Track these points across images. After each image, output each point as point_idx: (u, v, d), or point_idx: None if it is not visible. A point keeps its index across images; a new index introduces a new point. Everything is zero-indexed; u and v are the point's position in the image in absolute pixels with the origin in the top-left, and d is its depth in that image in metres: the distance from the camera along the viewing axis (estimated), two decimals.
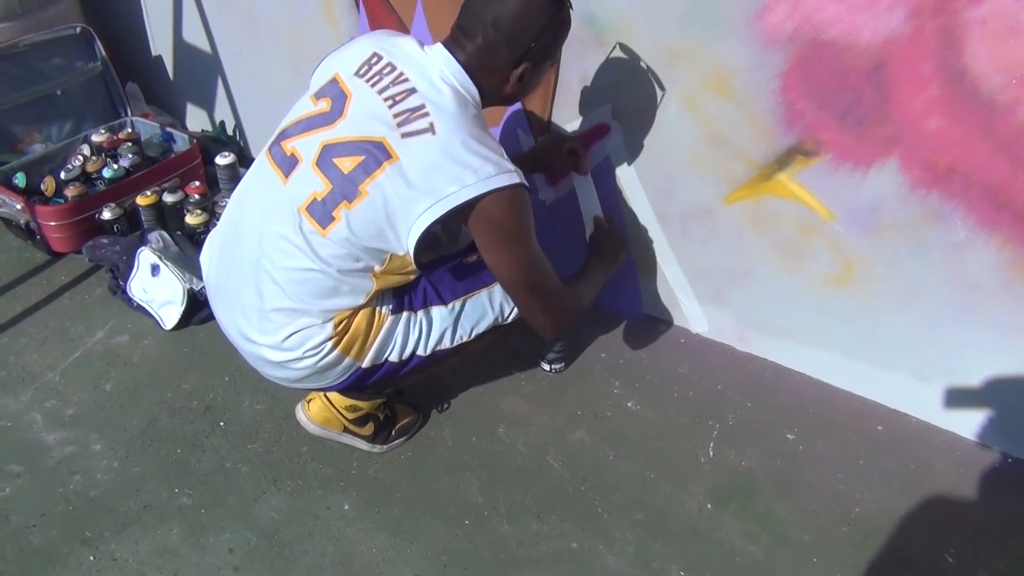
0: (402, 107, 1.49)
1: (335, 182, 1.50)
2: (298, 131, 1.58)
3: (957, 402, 1.93)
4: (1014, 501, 1.82)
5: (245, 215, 1.65)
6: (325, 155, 1.52)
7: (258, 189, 1.64)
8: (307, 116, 1.58)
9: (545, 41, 1.55)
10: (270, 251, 1.58)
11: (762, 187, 1.93)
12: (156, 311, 2.33)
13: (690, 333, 2.29)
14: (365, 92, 1.53)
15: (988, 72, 1.55)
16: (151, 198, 2.57)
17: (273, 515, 1.79)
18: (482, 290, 1.74)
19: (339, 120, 1.53)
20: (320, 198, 1.51)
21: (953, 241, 1.74)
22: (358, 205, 1.48)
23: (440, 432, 2.00)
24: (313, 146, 1.53)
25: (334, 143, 1.52)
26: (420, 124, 1.47)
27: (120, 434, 1.98)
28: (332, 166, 1.50)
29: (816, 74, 1.73)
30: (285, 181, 1.56)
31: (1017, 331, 1.76)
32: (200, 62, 3.03)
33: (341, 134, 1.52)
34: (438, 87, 1.51)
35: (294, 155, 1.56)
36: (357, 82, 1.55)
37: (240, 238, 1.65)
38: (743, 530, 1.75)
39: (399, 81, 1.52)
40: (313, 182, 1.52)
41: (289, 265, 1.56)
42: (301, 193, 1.53)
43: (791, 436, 1.97)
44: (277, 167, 1.59)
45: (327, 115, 1.55)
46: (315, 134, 1.54)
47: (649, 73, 1.93)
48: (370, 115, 1.50)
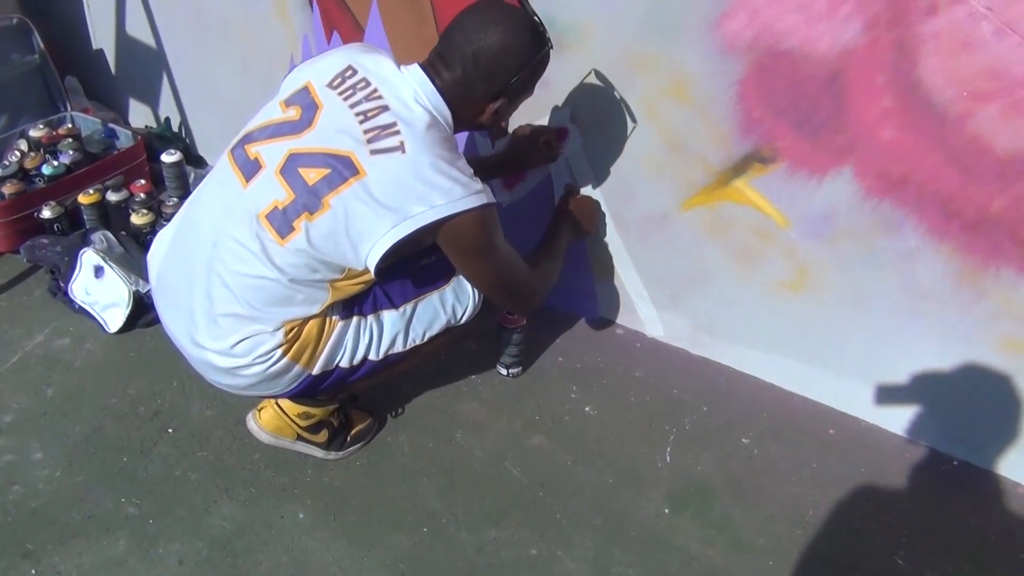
0: (373, 124, 1.47)
1: (298, 192, 1.47)
2: (264, 136, 1.54)
3: (906, 406, 1.97)
4: (960, 504, 1.87)
5: (200, 216, 1.61)
6: (290, 164, 1.48)
7: (216, 191, 1.60)
8: (275, 122, 1.55)
9: (524, 78, 1.57)
10: (224, 254, 1.53)
11: (719, 193, 1.94)
12: (99, 314, 2.25)
13: (646, 337, 2.30)
14: (336, 105, 1.50)
15: (940, 84, 1.58)
16: (94, 196, 2.48)
17: (225, 524, 1.74)
18: (433, 292, 1.72)
19: (307, 130, 1.50)
20: (281, 207, 1.48)
21: (904, 249, 1.77)
22: (320, 218, 1.45)
23: (397, 438, 1.97)
24: (278, 153, 1.50)
25: (301, 153, 1.48)
26: (390, 142, 1.45)
27: (62, 442, 1.91)
28: (297, 175, 1.47)
29: (774, 82, 1.75)
30: (245, 185, 1.52)
31: (964, 338, 1.81)
32: (144, 57, 2.94)
33: (309, 144, 1.49)
34: (411, 107, 1.50)
35: (257, 160, 1.52)
36: (329, 94, 1.52)
37: (193, 239, 1.60)
38: (700, 534, 1.77)
39: (372, 97, 1.50)
40: (275, 190, 1.49)
41: (242, 270, 1.52)
42: (262, 200, 1.50)
43: (746, 440, 2.00)
44: (239, 170, 1.54)
45: (296, 123, 1.52)
46: (282, 141, 1.51)
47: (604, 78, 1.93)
48: (340, 129, 1.48)
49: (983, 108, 1.56)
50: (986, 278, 1.72)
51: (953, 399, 1.91)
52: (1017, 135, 1.55)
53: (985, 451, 1.93)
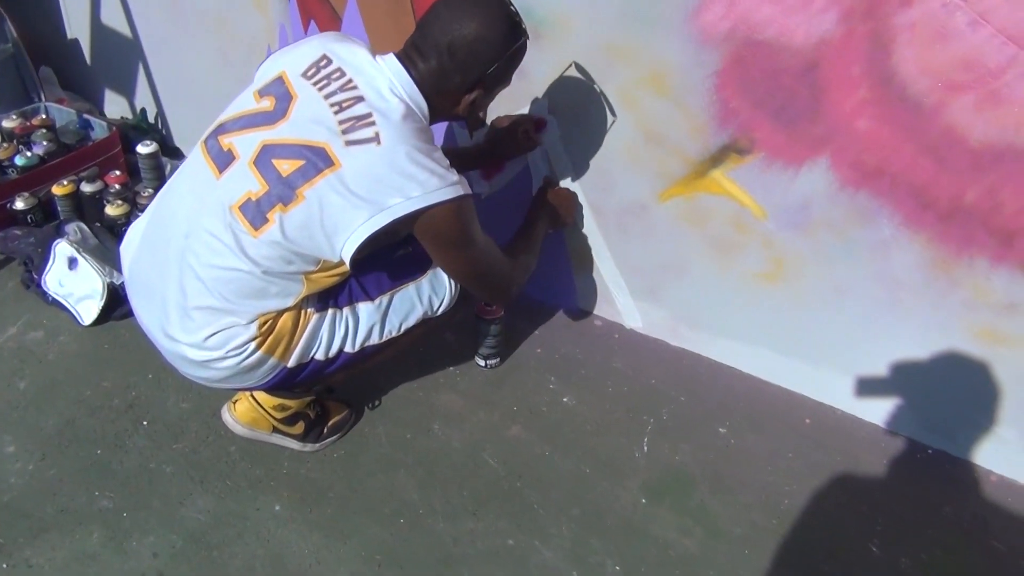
0: (348, 114, 1.45)
1: (272, 184, 1.45)
2: (237, 127, 1.53)
3: (881, 395, 1.99)
4: (934, 491, 1.88)
5: (173, 207, 1.59)
6: (264, 155, 1.47)
7: (189, 182, 1.59)
8: (248, 113, 1.53)
9: (500, 68, 1.56)
10: (196, 246, 1.52)
11: (696, 184, 1.95)
12: (73, 306, 2.23)
13: (624, 328, 2.31)
14: (311, 95, 1.49)
15: (915, 75, 1.59)
16: (68, 187, 2.46)
17: (200, 517, 1.73)
18: (409, 284, 1.71)
19: (281, 121, 1.48)
20: (255, 198, 1.46)
21: (879, 239, 1.78)
22: (293, 209, 1.44)
23: (374, 429, 1.96)
24: (252, 144, 1.49)
25: (274, 144, 1.47)
26: (365, 133, 1.44)
27: (35, 435, 1.89)
28: (270, 167, 1.46)
29: (750, 73, 1.75)
30: (218, 176, 1.51)
31: (938, 327, 1.82)
32: (119, 47, 2.91)
33: (282, 135, 1.47)
34: (386, 98, 1.48)
35: (231, 151, 1.51)
36: (304, 84, 1.51)
37: (166, 230, 1.59)
38: (677, 524, 1.77)
39: (347, 88, 1.48)
40: (249, 181, 1.47)
41: (215, 263, 1.51)
42: (235, 191, 1.48)
43: (723, 430, 2.00)
44: (212, 161, 1.53)
45: (270, 114, 1.50)
46: (255, 132, 1.50)
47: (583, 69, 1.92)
48: (314, 119, 1.46)
49: (957, 99, 1.57)
50: (960, 267, 1.73)
51: (928, 388, 1.93)
52: (990, 126, 1.56)
53: (959, 439, 1.95)
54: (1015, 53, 1.47)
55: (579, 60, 1.92)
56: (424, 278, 1.72)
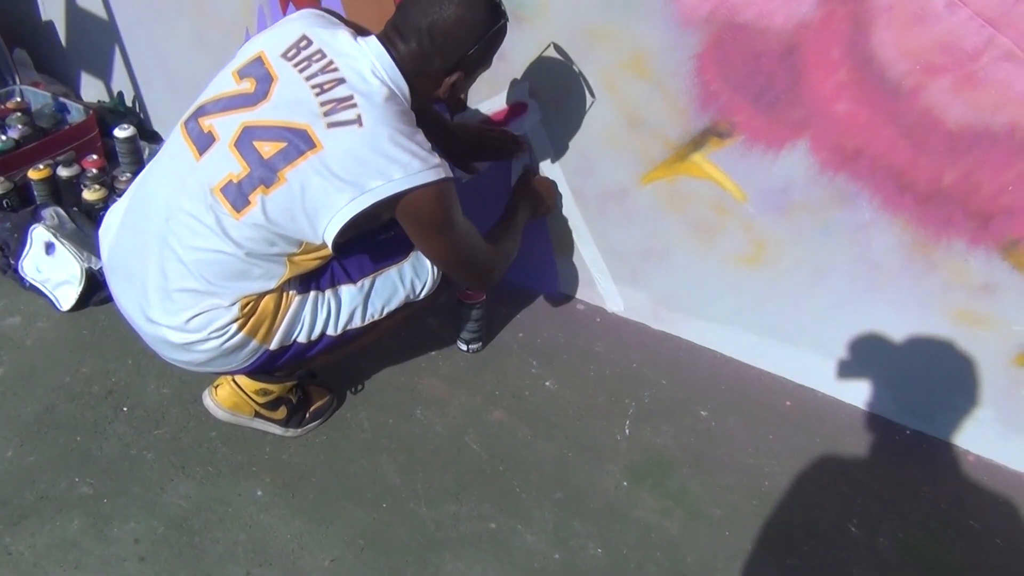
0: (329, 96, 1.44)
1: (253, 165, 1.44)
2: (217, 109, 1.51)
3: (860, 377, 2.01)
4: (912, 471, 1.91)
5: (152, 190, 1.58)
6: (245, 137, 1.46)
7: (170, 164, 1.57)
8: (228, 95, 1.52)
9: (480, 51, 1.56)
10: (177, 229, 1.51)
11: (677, 167, 1.95)
12: (51, 291, 2.20)
13: (606, 312, 2.31)
14: (291, 77, 1.48)
15: (894, 58, 1.59)
16: (44, 172, 2.42)
17: (181, 503, 1.73)
18: (392, 267, 1.71)
19: (262, 103, 1.47)
20: (236, 180, 1.45)
21: (859, 222, 1.79)
22: (275, 191, 1.44)
23: (356, 414, 1.96)
24: (232, 126, 1.47)
25: (255, 126, 1.46)
26: (347, 115, 1.43)
27: (13, 422, 1.87)
28: (251, 149, 1.45)
29: (730, 56, 1.75)
30: (199, 158, 1.50)
31: (915, 308, 1.84)
32: (95, 29, 2.87)
33: (263, 117, 1.46)
34: (368, 80, 1.47)
35: (211, 133, 1.50)
36: (284, 65, 1.50)
37: (145, 213, 1.57)
38: (658, 506, 1.78)
39: (328, 70, 1.47)
40: (230, 163, 1.46)
41: (196, 244, 1.50)
42: (216, 173, 1.47)
43: (704, 413, 2.02)
44: (192, 143, 1.52)
45: (250, 96, 1.49)
46: (235, 114, 1.48)
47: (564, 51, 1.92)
48: (295, 101, 1.45)
49: (935, 81, 1.58)
50: (938, 250, 1.74)
51: (906, 370, 1.94)
52: (967, 108, 1.57)
53: (937, 420, 1.97)
54: (992, 35, 1.48)
55: (560, 43, 1.92)
56: (407, 261, 1.72)
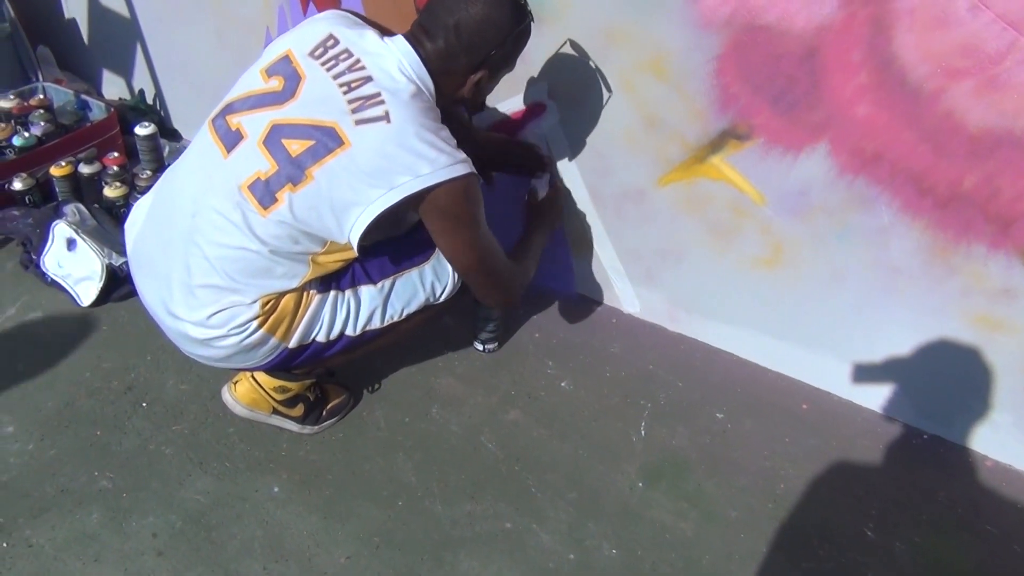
0: (357, 94, 1.46)
1: (281, 163, 1.46)
2: (246, 107, 1.53)
3: (877, 381, 2.00)
4: (929, 476, 1.90)
5: (180, 185, 1.61)
6: (273, 135, 1.48)
7: (197, 161, 1.60)
8: (257, 92, 1.53)
9: (505, 50, 1.58)
10: (203, 225, 1.53)
11: (695, 169, 1.95)
12: (72, 287, 2.23)
13: (622, 313, 2.31)
14: (319, 75, 1.50)
15: (915, 61, 1.58)
16: (66, 169, 2.45)
17: (199, 498, 1.74)
18: (412, 270, 1.72)
19: (290, 101, 1.49)
20: (264, 178, 1.47)
21: (878, 225, 1.79)
22: (303, 189, 1.45)
23: (373, 413, 1.97)
24: (261, 124, 1.49)
25: (284, 124, 1.48)
26: (375, 112, 1.44)
27: (34, 416, 1.90)
28: (280, 146, 1.47)
29: (750, 58, 1.74)
30: (226, 156, 1.52)
31: (934, 312, 1.83)
32: (117, 26, 2.89)
33: (292, 115, 1.48)
34: (395, 77, 1.49)
35: (239, 131, 1.52)
36: (311, 64, 1.51)
37: (172, 209, 1.60)
38: (673, 507, 1.78)
39: (355, 68, 1.49)
40: (258, 160, 1.48)
41: (222, 241, 1.52)
42: (243, 170, 1.49)
43: (720, 415, 2.01)
44: (220, 141, 1.54)
45: (278, 94, 1.51)
46: (264, 112, 1.50)
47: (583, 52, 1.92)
48: (323, 99, 1.47)
49: (957, 85, 1.57)
50: (957, 254, 1.73)
51: (924, 374, 1.93)
52: (989, 112, 1.56)
53: (955, 425, 1.96)
54: (1015, 39, 1.47)
55: (579, 44, 1.92)
56: (427, 264, 1.73)
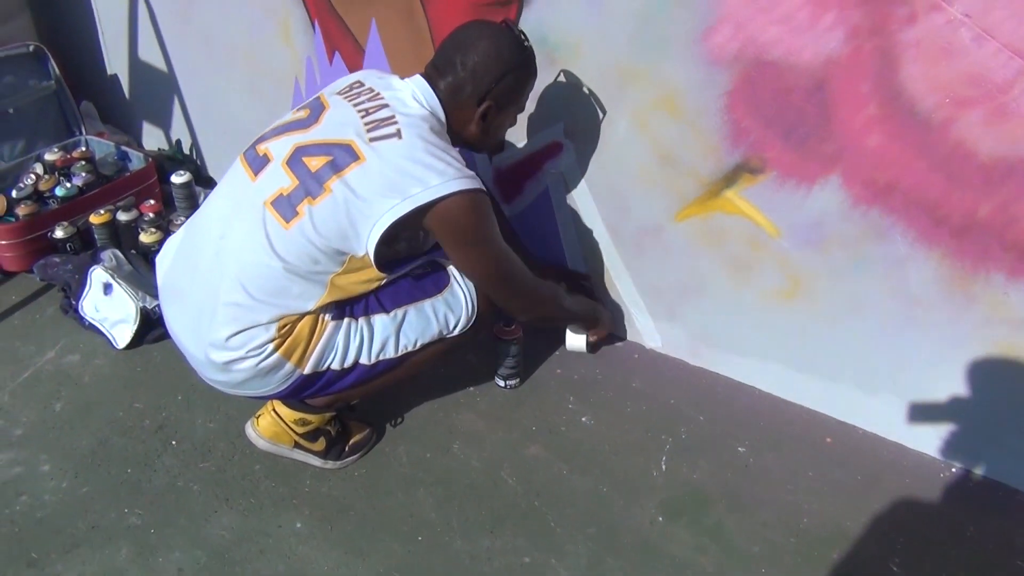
0: (373, 117, 1.59)
1: (301, 179, 1.56)
2: (273, 134, 1.67)
3: (902, 414, 1.97)
4: (957, 511, 1.86)
5: (209, 212, 1.71)
6: (296, 155, 1.59)
7: (227, 188, 1.71)
8: (284, 123, 1.68)
9: (508, 82, 1.69)
10: (230, 245, 1.62)
11: (711, 204, 1.96)
12: (108, 330, 2.30)
13: (644, 348, 2.32)
14: (342, 105, 1.64)
15: (923, 91, 1.59)
16: (104, 216, 2.55)
17: (224, 534, 1.77)
18: (425, 300, 1.77)
19: (313, 126, 1.63)
20: (286, 193, 1.57)
21: (894, 256, 1.78)
22: (321, 201, 1.54)
23: (395, 448, 1.99)
24: (286, 147, 1.61)
25: (306, 144, 1.60)
26: (388, 130, 1.56)
27: (69, 454, 1.96)
28: (301, 164, 1.58)
29: (760, 93, 1.77)
30: (254, 179, 1.63)
31: (956, 343, 1.81)
32: (156, 81, 3.02)
33: (313, 137, 1.60)
34: (408, 104, 1.64)
35: (266, 155, 1.64)
36: (337, 99, 1.67)
37: (202, 235, 1.69)
38: (694, 543, 1.77)
39: (374, 99, 1.63)
40: (281, 179, 1.59)
41: (245, 258, 1.60)
42: (268, 188, 1.59)
43: (742, 449, 2.00)
44: (248, 167, 1.66)
45: (303, 121, 1.65)
46: (289, 136, 1.63)
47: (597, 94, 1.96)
48: (343, 123, 1.60)
49: (966, 114, 1.57)
50: (976, 283, 1.72)
51: (950, 406, 1.90)
52: (1000, 140, 1.56)
53: (983, 458, 1.92)
54: (1021, 67, 1.48)
55: (592, 84, 1.96)
56: (440, 296, 1.77)
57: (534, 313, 1.84)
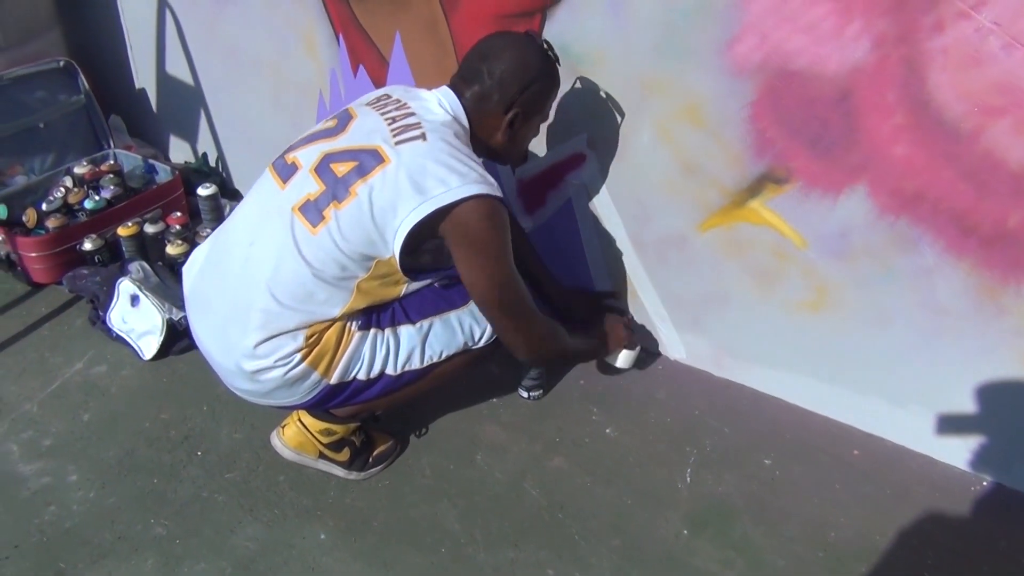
0: (399, 124, 1.61)
1: (328, 184, 1.58)
2: (301, 144, 1.69)
3: (931, 426, 1.94)
4: (989, 524, 1.83)
5: (238, 221, 1.73)
6: (324, 162, 1.61)
7: (255, 197, 1.73)
8: (312, 132, 1.71)
9: (534, 91, 1.71)
10: (258, 252, 1.64)
11: (735, 214, 1.95)
12: (135, 341, 2.32)
13: (668, 359, 2.31)
14: (369, 114, 1.67)
15: (951, 100, 1.58)
16: (132, 229, 2.58)
17: (249, 545, 1.78)
18: (451, 312, 1.77)
19: (342, 134, 1.65)
20: (313, 198, 1.59)
21: (922, 266, 1.76)
22: (347, 205, 1.55)
23: (418, 460, 1.99)
24: (314, 155, 1.64)
25: (333, 152, 1.62)
26: (413, 133, 1.59)
27: (97, 465, 1.97)
28: (328, 171, 1.60)
29: (785, 103, 1.76)
30: (283, 187, 1.65)
31: (986, 354, 1.78)
32: (183, 95, 3.06)
33: (341, 144, 1.63)
34: (434, 111, 1.66)
35: (294, 163, 1.66)
36: (365, 109, 1.69)
37: (229, 244, 1.71)
38: (719, 556, 1.75)
39: (401, 108, 1.66)
40: (309, 185, 1.61)
41: (274, 264, 1.61)
42: (296, 195, 1.61)
43: (768, 461, 1.98)
44: (277, 175, 1.68)
45: (331, 130, 1.67)
46: (317, 144, 1.66)
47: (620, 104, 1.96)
48: (370, 130, 1.62)
49: (995, 123, 1.55)
50: (1006, 294, 1.70)
51: (980, 417, 1.87)
52: None
53: (1015, 470, 1.89)
54: None
55: (615, 94, 1.96)
56: (466, 308, 1.77)
57: (533, 352, 1.73)
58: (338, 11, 2.38)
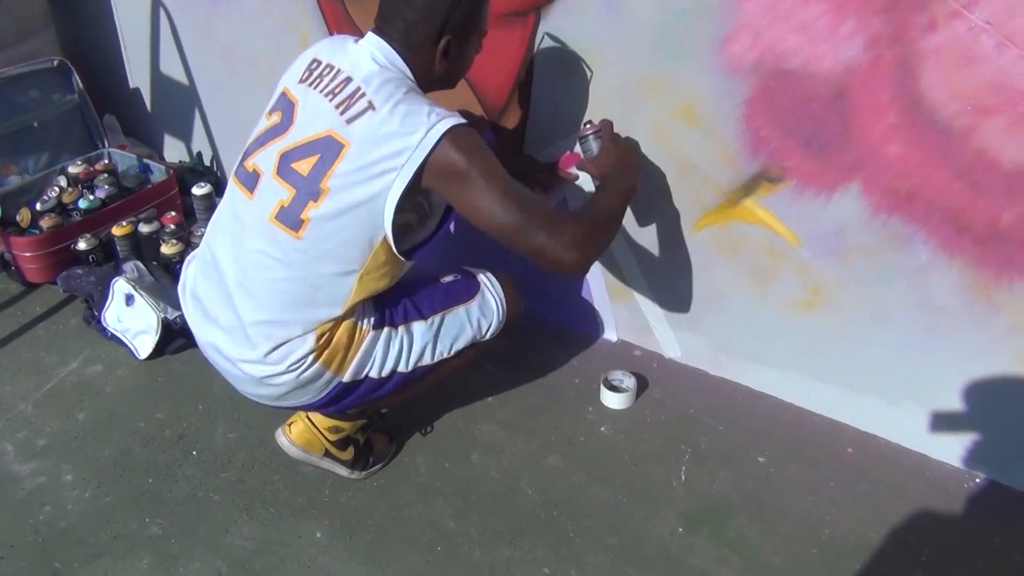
0: (341, 97, 1.55)
1: (297, 186, 1.55)
2: (256, 147, 1.64)
3: (926, 423, 1.95)
4: (983, 522, 1.83)
5: (219, 239, 1.70)
6: (283, 163, 1.58)
7: (227, 212, 1.70)
8: (262, 132, 1.66)
9: (460, 14, 1.59)
10: (247, 267, 1.62)
11: (730, 213, 1.96)
12: (130, 341, 2.32)
13: (663, 358, 2.31)
14: (309, 95, 1.60)
15: (944, 99, 1.59)
16: (126, 228, 2.57)
17: (244, 544, 1.78)
18: (459, 306, 1.76)
19: (291, 128, 1.60)
20: (286, 204, 1.56)
21: (916, 265, 1.77)
22: (324, 201, 1.53)
23: (414, 459, 2.00)
24: (271, 158, 1.59)
25: (289, 149, 1.58)
26: (360, 105, 1.53)
27: (92, 464, 1.97)
28: (291, 172, 1.56)
29: (779, 102, 1.76)
30: (251, 197, 1.61)
31: (979, 352, 1.79)
32: (178, 94, 3.05)
33: (294, 140, 1.58)
34: (370, 68, 1.57)
35: (255, 171, 1.62)
36: (301, 88, 1.63)
37: (216, 262, 1.69)
38: (715, 554, 1.76)
39: (336, 76, 1.58)
40: (277, 191, 1.57)
41: (265, 277, 1.60)
42: (268, 204, 1.58)
43: (763, 459, 1.99)
44: (243, 186, 1.64)
45: (279, 126, 1.62)
46: (271, 145, 1.61)
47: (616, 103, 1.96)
48: (316, 114, 1.57)
49: (987, 122, 1.56)
50: (1000, 292, 1.70)
51: (975, 415, 1.88)
52: (1023, 148, 1.55)
53: (1009, 468, 1.90)
54: None
55: (612, 92, 1.96)
56: (473, 301, 1.78)
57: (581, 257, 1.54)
58: (332, 9, 2.38)
